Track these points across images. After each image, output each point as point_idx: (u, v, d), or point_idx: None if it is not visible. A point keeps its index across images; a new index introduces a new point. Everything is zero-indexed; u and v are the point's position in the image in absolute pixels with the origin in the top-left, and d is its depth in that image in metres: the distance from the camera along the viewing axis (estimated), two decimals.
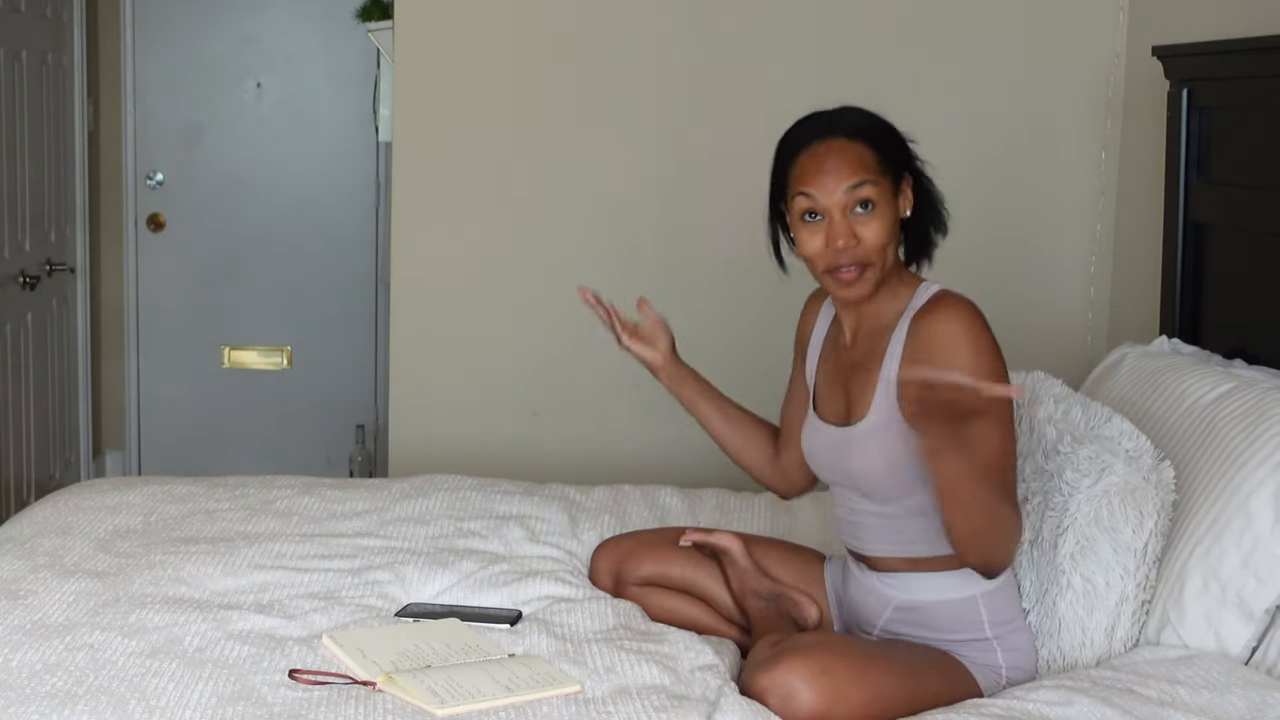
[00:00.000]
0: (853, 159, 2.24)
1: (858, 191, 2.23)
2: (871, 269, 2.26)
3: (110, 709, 1.97)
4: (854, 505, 2.36)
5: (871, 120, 2.30)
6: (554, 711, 2.02)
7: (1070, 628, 2.32)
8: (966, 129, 3.92)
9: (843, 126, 2.28)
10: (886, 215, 2.25)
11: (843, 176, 2.23)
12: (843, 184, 2.23)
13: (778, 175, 2.33)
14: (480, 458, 3.89)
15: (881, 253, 2.26)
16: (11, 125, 4.44)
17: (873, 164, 2.25)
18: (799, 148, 2.29)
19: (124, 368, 5.71)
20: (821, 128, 2.29)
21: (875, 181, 2.24)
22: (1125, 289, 3.83)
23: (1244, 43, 2.96)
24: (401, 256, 4.03)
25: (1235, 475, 2.34)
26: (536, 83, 3.95)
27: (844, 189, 2.23)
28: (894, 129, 2.31)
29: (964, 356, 2.17)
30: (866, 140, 2.26)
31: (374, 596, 2.50)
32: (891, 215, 2.26)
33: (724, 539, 2.52)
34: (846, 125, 2.28)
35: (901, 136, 2.32)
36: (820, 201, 2.25)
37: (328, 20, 5.57)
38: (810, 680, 2.08)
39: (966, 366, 2.15)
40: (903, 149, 2.31)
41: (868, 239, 2.24)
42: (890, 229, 2.26)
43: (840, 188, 2.23)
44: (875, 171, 2.24)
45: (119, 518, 2.85)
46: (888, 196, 2.26)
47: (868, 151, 2.25)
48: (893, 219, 2.27)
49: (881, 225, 2.25)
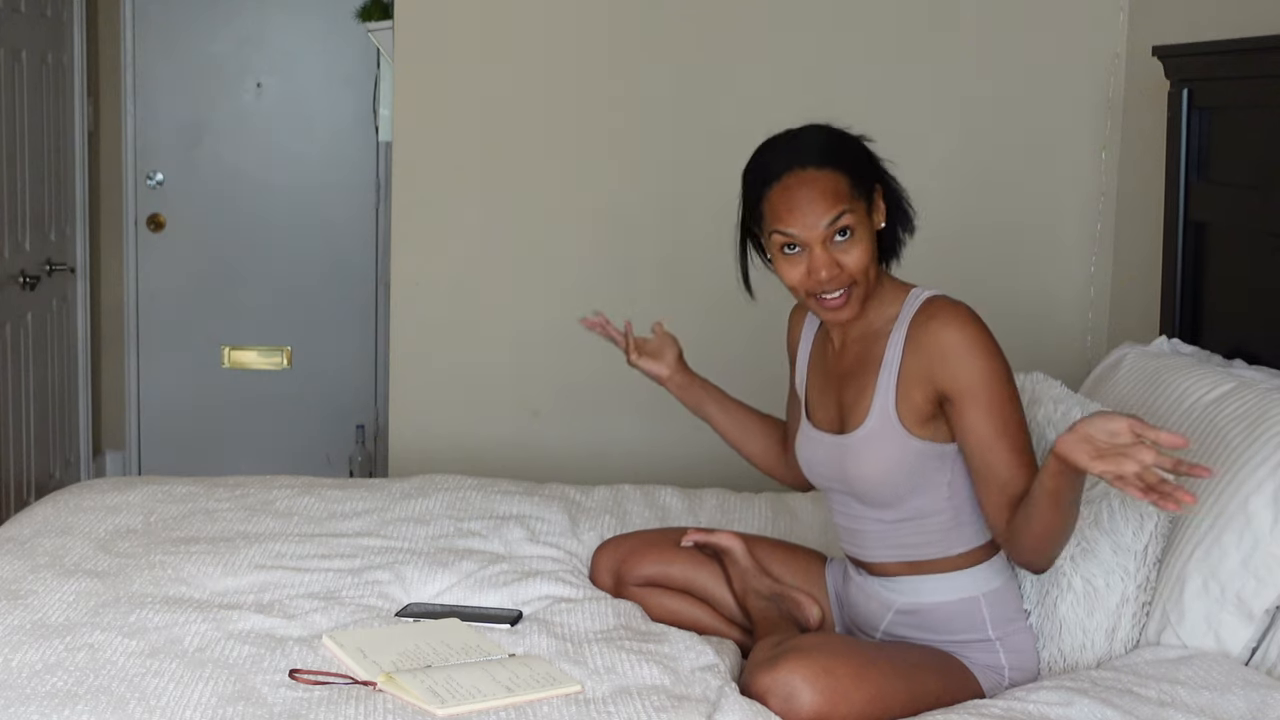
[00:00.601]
0: (827, 191, 2.20)
1: (837, 224, 2.21)
2: (858, 288, 2.25)
3: (110, 709, 1.97)
4: (852, 512, 2.36)
5: (838, 140, 2.27)
6: (554, 711, 2.02)
7: (1071, 629, 2.32)
8: (967, 129, 3.93)
9: (811, 155, 2.23)
10: (865, 236, 2.23)
11: (820, 211, 2.20)
12: (822, 220, 2.20)
13: (748, 204, 2.30)
14: (480, 458, 3.89)
15: (865, 273, 2.24)
16: (11, 125, 4.44)
17: (846, 191, 2.21)
18: (769, 179, 2.25)
19: (124, 368, 5.71)
20: (790, 158, 2.24)
21: (851, 209, 2.21)
22: (1125, 289, 3.83)
23: (1244, 43, 2.96)
24: (401, 256, 4.03)
25: (1235, 476, 2.34)
26: (537, 83, 3.95)
27: (823, 225, 2.20)
28: (859, 144, 2.28)
29: (977, 361, 2.18)
30: (836, 165, 2.23)
31: (374, 596, 2.50)
32: (869, 235, 2.24)
33: (725, 539, 2.52)
34: (815, 153, 2.23)
35: (867, 149, 2.29)
36: (799, 237, 2.22)
37: (328, 20, 5.57)
38: (812, 681, 2.08)
39: (979, 372, 2.17)
40: (869, 162, 2.28)
41: (850, 264, 2.22)
42: (871, 249, 2.24)
43: (820, 224, 2.20)
44: (849, 198, 2.21)
45: (119, 518, 2.85)
46: (863, 217, 2.23)
47: (840, 178, 2.22)
48: (871, 238, 2.25)
49: (863, 248, 2.23)
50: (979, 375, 2.17)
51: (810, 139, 2.27)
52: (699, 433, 3.99)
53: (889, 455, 2.25)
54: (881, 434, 2.26)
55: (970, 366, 2.18)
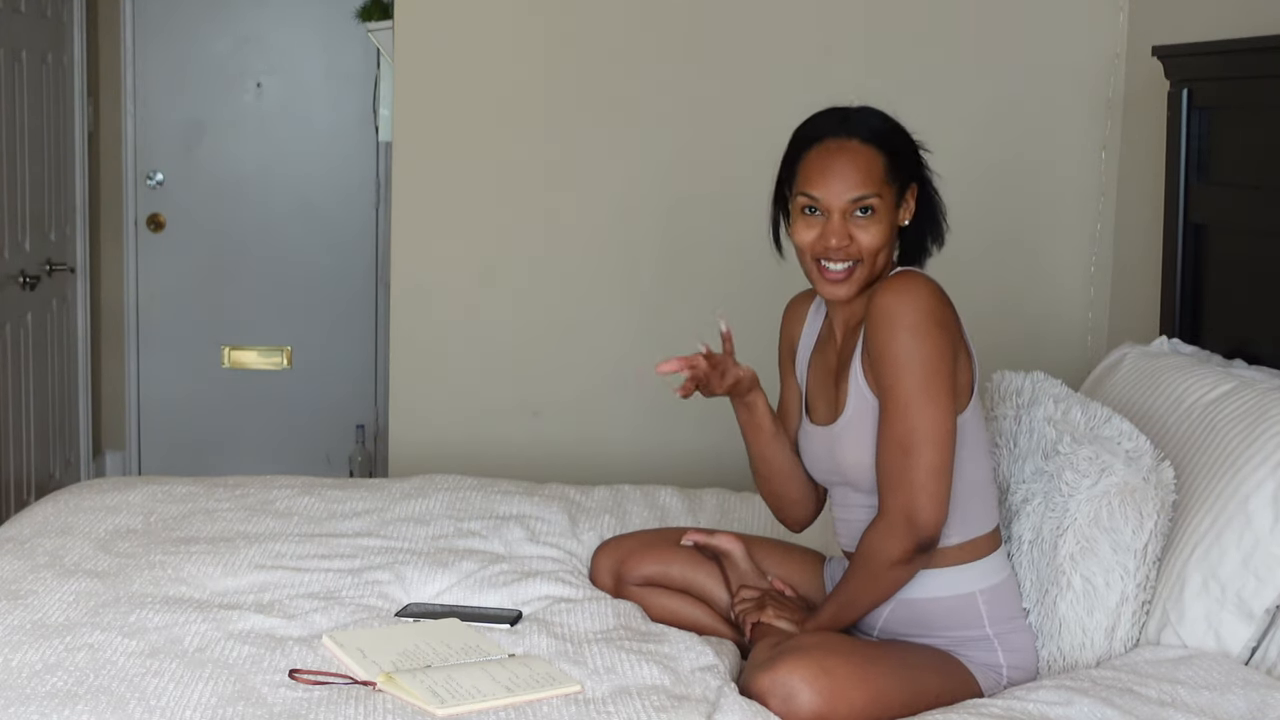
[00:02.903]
0: (862, 165, 2.25)
1: (862, 202, 2.25)
2: (861, 268, 2.27)
3: (110, 709, 1.97)
4: (850, 502, 2.37)
5: (888, 124, 2.31)
6: (554, 711, 2.03)
7: (1070, 628, 2.32)
8: (967, 129, 3.92)
9: (859, 128, 2.28)
10: (885, 221, 2.27)
11: (850, 184, 2.24)
12: (848, 193, 2.24)
13: (787, 163, 2.34)
14: (480, 458, 3.89)
15: (874, 256, 2.27)
16: (11, 125, 4.44)
17: (881, 172, 2.26)
18: (812, 141, 2.30)
19: (124, 368, 5.71)
20: (837, 125, 2.29)
21: (879, 192, 2.25)
22: (1125, 289, 3.83)
23: (1244, 43, 2.96)
24: (401, 256, 4.03)
25: (1235, 475, 2.34)
26: (537, 82, 3.95)
27: (849, 197, 2.24)
28: (909, 139, 2.32)
29: (897, 333, 2.18)
30: (879, 145, 2.27)
31: (374, 596, 2.50)
32: (890, 222, 2.28)
33: (725, 541, 2.52)
34: (863, 127, 2.28)
35: (915, 147, 2.32)
36: (823, 202, 2.26)
37: (328, 20, 5.57)
38: (811, 681, 2.08)
39: (893, 343, 2.18)
40: (914, 158, 2.32)
41: (863, 242, 2.25)
42: (887, 235, 2.27)
43: (845, 196, 2.24)
44: (881, 181, 2.25)
45: (119, 518, 2.85)
46: (890, 205, 2.27)
47: (878, 157, 2.26)
48: (891, 226, 2.28)
49: (880, 230, 2.26)
50: (891, 346, 2.18)
51: (864, 115, 2.31)
52: (699, 433, 4.00)
53: (869, 439, 2.27)
54: (860, 419, 2.28)
55: (887, 336, 2.19)
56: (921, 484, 2.18)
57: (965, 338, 2.29)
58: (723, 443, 4.01)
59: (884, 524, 2.22)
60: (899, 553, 2.21)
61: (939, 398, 2.18)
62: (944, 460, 2.19)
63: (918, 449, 2.18)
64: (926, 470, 2.18)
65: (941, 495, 2.19)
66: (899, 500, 2.19)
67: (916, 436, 2.17)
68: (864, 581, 2.27)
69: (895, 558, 2.22)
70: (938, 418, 2.18)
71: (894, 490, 2.20)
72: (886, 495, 2.22)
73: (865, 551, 2.26)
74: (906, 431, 2.18)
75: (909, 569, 2.24)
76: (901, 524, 2.20)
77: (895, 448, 2.19)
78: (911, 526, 2.19)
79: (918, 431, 2.17)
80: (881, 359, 2.20)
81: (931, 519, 2.19)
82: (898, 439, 2.19)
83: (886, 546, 2.22)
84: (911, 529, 2.19)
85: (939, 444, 2.18)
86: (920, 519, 2.19)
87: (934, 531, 2.21)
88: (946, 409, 2.19)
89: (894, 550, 2.21)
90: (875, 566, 2.24)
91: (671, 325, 3.99)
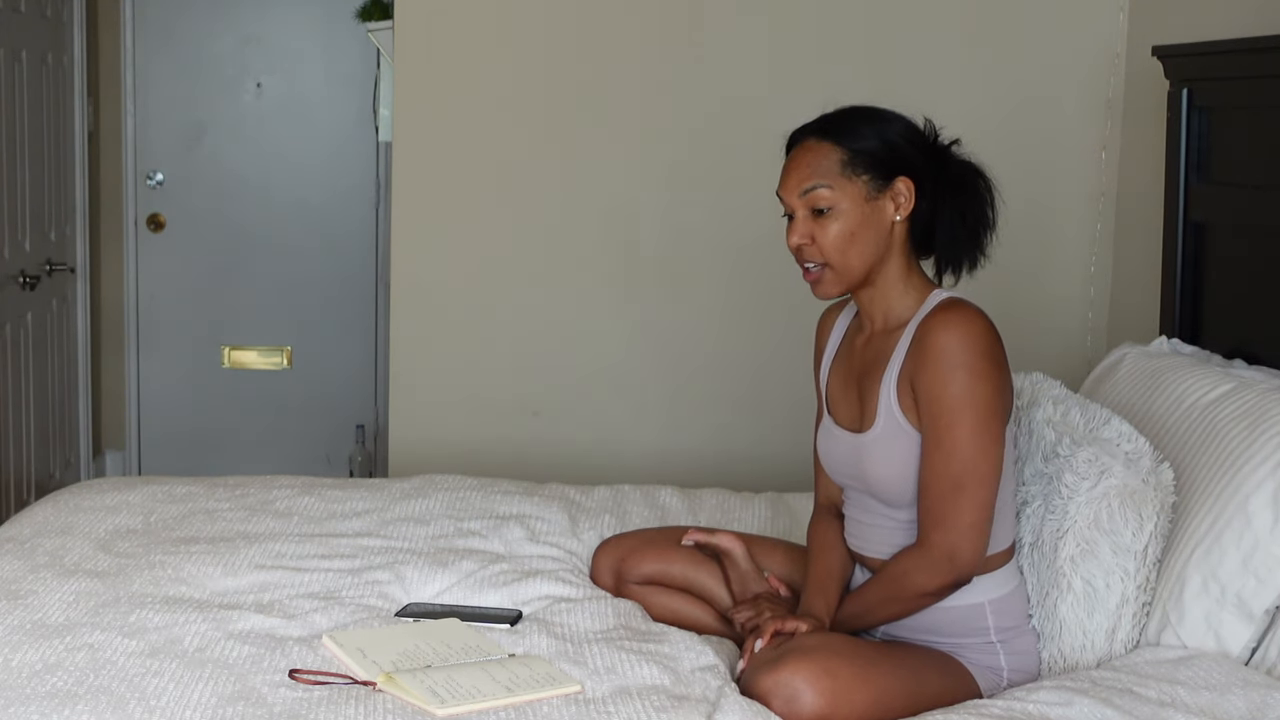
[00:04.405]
0: (811, 162, 2.24)
1: (810, 196, 2.24)
2: (831, 270, 2.26)
3: (110, 709, 1.97)
4: (867, 507, 2.36)
5: (857, 119, 2.27)
6: (554, 711, 2.02)
7: (1071, 630, 2.32)
8: (966, 129, 3.88)
9: (819, 125, 2.28)
10: (849, 218, 2.23)
11: (799, 179, 2.25)
12: (797, 187, 2.25)
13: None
14: (480, 458, 3.89)
15: (841, 255, 2.24)
16: (11, 125, 4.44)
17: (833, 167, 2.23)
18: (788, 149, 2.32)
19: (124, 367, 5.71)
20: (804, 128, 2.30)
21: (831, 185, 2.23)
22: (1125, 289, 3.83)
23: (1244, 43, 2.96)
24: (401, 256, 4.03)
25: (1235, 476, 2.34)
26: (537, 83, 3.95)
27: (797, 194, 2.25)
28: (886, 129, 2.26)
29: (957, 374, 2.16)
30: (837, 140, 2.24)
31: (374, 596, 2.50)
32: (857, 218, 2.23)
33: (726, 540, 2.52)
34: (823, 124, 2.28)
35: (898, 138, 2.26)
36: (786, 202, 2.28)
37: (328, 20, 5.57)
38: (813, 682, 2.08)
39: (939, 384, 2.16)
40: (899, 149, 2.25)
41: (821, 241, 2.24)
42: (852, 232, 2.23)
43: (795, 191, 2.25)
44: (833, 174, 2.23)
45: (119, 518, 2.85)
46: (855, 199, 2.23)
47: (832, 153, 2.24)
48: (859, 222, 2.23)
49: (841, 228, 2.23)
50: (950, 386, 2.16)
51: (831, 114, 2.31)
52: (699, 433, 4.00)
53: (902, 455, 2.25)
54: (893, 434, 2.26)
55: (945, 375, 2.17)
56: (971, 523, 2.17)
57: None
58: (723, 443, 4.02)
59: (923, 557, 2.21)
60: (934, 586, 2.21)
61: (998, 437, 2.19)
62: (992, 497, 2.19)
63: (971, 489, 2.17)
64: (977, 508, 2.18)
65: (985, 533, 2.20)
66: (945, 538, 2.18)
67: (972, 477, 2.17)
68: (886, 600, 2.27)
69: (928, 590, 2.22)
70: (995, 457, 2.19)
71: (939, 526, 2.19)
72: (931, 530, 2.20)
73: (896, 574, 2.25)
74: (962, 471, 2.16)
75: (937, 599, 2.24)
76: (944, 561, 2.19)
77: (947, 483, 2.18)
78: (953, 565, 2.19)
79: (974, 472, 2.17)
80: (938, 398, 2.17)
81: (973, 560, 2.19)
82: (952, 476, 2.17)
83: (922, 580, 2.21)
84: (952, 568, 2.19)
85: (990, 483, 2.18)
86: (962, 560, 2.19)
87: (972, 571, 2.21)
88: (1001, 447, 2.20)
89: (929, 584, 2.21)
90: (903, 592, 2.24)
91: (671, 325, 4.00)
